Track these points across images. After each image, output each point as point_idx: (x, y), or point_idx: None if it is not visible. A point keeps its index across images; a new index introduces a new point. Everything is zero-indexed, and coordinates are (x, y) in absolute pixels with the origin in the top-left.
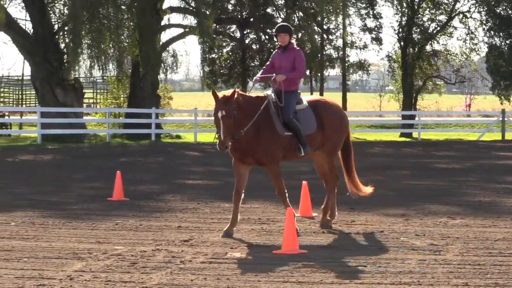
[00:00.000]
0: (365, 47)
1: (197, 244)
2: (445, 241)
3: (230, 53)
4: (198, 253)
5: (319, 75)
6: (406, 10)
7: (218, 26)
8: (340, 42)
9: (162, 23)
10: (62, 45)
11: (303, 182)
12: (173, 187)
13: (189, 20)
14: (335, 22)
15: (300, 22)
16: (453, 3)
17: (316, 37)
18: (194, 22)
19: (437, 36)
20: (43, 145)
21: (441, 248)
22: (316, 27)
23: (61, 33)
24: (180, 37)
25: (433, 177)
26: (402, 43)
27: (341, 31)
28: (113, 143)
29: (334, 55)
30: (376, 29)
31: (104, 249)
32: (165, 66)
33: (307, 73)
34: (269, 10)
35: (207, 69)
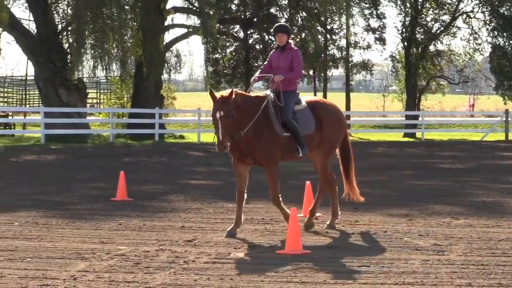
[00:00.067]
0: (368, 47)
1: (200, 244)
2: (448, 241)
3: (234, 53)
4: (201, 253)
5: (322, 75)
6: (410, 10)
7: (221, 26)
8: (343, 42)
9: (166, 23)
10: (66, 45)
11: (306, 182)
12: (177, 187)
13: (192, 20)
14: (338, 22)
15: (304, 22)
16: (456, 3)
17: (319, 37)
18: (197, 22)
19: (441, 36)
20: (46, 145)
21: (444, 248)
22: (319, 27)
23: (65, 33)
24: (184, 37)
25: (436, 177)
26: (405, 43)
27: (345, 31)
28: (116, 143)
29: (338, 55)
30: (379, 29)
31: (108, 249)
32: (169, 66)
33: (311, 73)
34: (272, 10)
35: (210, 69)
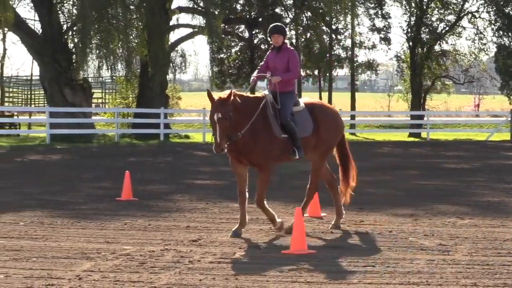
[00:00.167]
0: (373, 47)
1: (205, 244)
2: (454, 241)
3: (239, 53)
4: (206, 253)
5: (327, 75)
6: (415, 10)
7: (226, 26)
8: (348, 42)
9: (171, 23)
10: (71, 45)
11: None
12: (182, 187)
13: (197, 20)
14: (343, 22)
15: (309, 22)
16: (461, 3)
17: (324, 37)
18: (202, 22)
19: (446, 36)
20: (51, 145)
21: (450, 248)
22: (324, 27)
23: (70, 33)
24: (189, 37)
25: (442, 177)
26: (410, 43)
27: (350, 31)
28: (121, 143)
29: (343, 55)
30: (384, 29)
31: (113, 249)
32: (174, 66)
33: (316, 73)
34: (277, 10)
35: (215, 69)
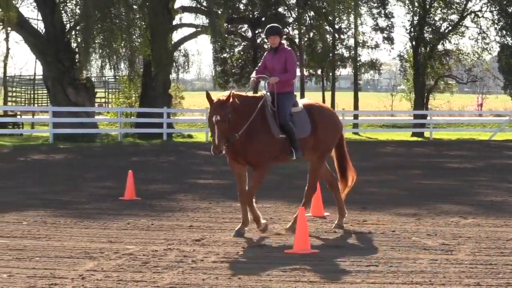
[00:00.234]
0: (376, 46)
1: (208, 244)
2: (456, 240)
3: (242, 53)
4: (209, 252)
5: (330, 74)
6: (418, 10)
7: (229, 26)
8: (351, 41)
9: (174, 23)
10: (74, 45)
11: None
12: (185, 186)
13: (200, 20)
14: (346, 22)
15: (312, 21)
16: (464, 3)
17: (327, 36)
18: (205, 22)
19: (449, 35)
20: (55, 144)
21: (452, 248)
22: (327, 27)
23: (73, 32)
24: (192, 36)
25: (444, 177)
26: (413, 42)
27: (353, 30)
28: (124, 142)
29: (346, 55)
30: (387, 28)
31: (116, 248)
32: (177, 65)
33: (319, 72)
34: (280, 9)
35: (218, 68)
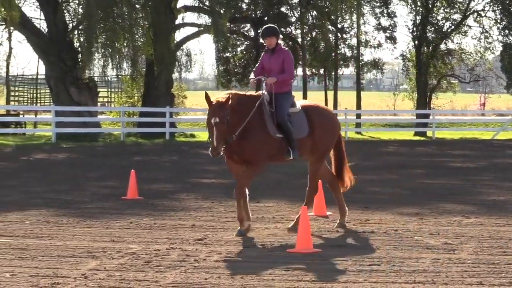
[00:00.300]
0: (379, 46)
1: (211, 243)
2: (459, 240)
3: (244, 52)
4: (212, 251)
5: (333, 74)
6: (421, 9)
7: (232, 25)
8: (354, 41)
9: (176, 22)
10: (77, 44)
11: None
12: (187, 186)
13: (203, 19)
14: (349, 21)
15: (314, 21)
16: (467, 2)
17: (330, 36)
18: (208, 21)
19: (452, 35)
20: (57, 143)
21: (455, 247)
22: (330, 26)
23: (75, 32)
24: (195, 36)
25: (447, 176)
26: (416, 42)
27: (355, 30)
28: (127, 142)
29: (348, 54)
30: (390, 28)
31: (119, 247)
32: (179, 65)
33: (322, 72)
34: (283, 9)
35: (221, 68)
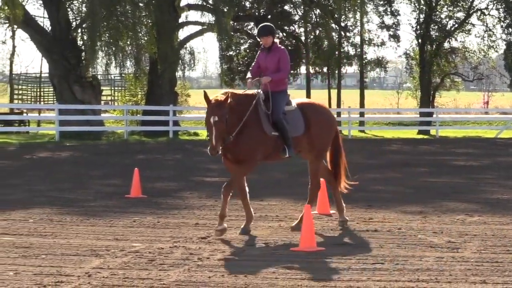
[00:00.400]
0: (382, 44)
1: (214, 241)
2: (463, 238)
3: (248, 51)
4: (215, 250)
5: (336, 72)
6: (424, 7)
7: (235, 24)
8: (357, 39)
9: (180, 21)
10: (80, 43)
11: (321, 179)
12: (191, 184)
13: (206, 18)
14: (353, 19)
15: (318, 19)
16: (471, 0)
17: (333, 34)
18: (211, 20)
19: (455, 33)
20: (61, 142)
21: (459, 246)
22: (333, 24)
23: (79, 30)
24: (198, 34)
25: (451, 174)
26: (419, 40)
27: (359, 28)
28: (130, 140)
29: (352, 52)
30: (393, 26)
31: (122, 246)
32: (183, 63)
33: (325, 70)
34: (286, 7)
35: (225, 66)
